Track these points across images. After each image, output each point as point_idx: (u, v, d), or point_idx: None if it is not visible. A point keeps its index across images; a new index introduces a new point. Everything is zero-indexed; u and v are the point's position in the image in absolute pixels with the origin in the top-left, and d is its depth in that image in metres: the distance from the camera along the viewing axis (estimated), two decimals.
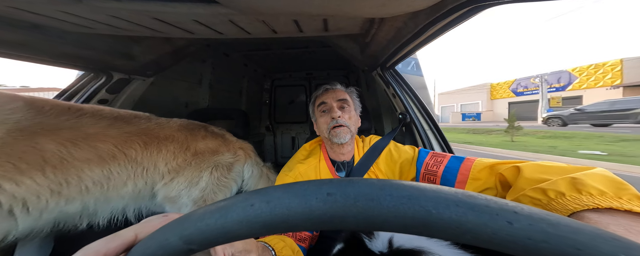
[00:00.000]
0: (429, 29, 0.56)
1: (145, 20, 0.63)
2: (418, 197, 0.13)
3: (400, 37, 0.68)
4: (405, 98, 1.04)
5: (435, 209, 0.13)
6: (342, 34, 0.85)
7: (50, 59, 0.82)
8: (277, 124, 2.49)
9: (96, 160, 0.66)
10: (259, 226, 0.14)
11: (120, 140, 0.71)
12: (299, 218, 0.14)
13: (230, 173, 0.90)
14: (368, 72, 1.26)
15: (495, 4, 0.41)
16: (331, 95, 0.71)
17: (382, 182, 0.15)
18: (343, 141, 0.66)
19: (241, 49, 1.62)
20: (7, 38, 0.64)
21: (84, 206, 0.66)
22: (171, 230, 0.16)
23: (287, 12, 0.59)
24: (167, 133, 0.83)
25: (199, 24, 0.68)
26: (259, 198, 0.15)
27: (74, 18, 0.59)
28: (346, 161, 0.71)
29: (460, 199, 0.13)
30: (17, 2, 0.50)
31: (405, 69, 1.27)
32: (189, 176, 0.80)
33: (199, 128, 0.93)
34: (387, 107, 1.46)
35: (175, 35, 0.78)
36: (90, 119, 0.70)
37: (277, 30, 0.77)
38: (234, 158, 0.92)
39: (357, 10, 0.55)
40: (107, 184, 0.68)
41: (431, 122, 1.00)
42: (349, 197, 0.14)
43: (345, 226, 0.14)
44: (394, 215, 0.13)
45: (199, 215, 0.16)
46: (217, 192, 0.85)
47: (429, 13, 0.51)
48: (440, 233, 0.13)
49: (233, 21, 0.66)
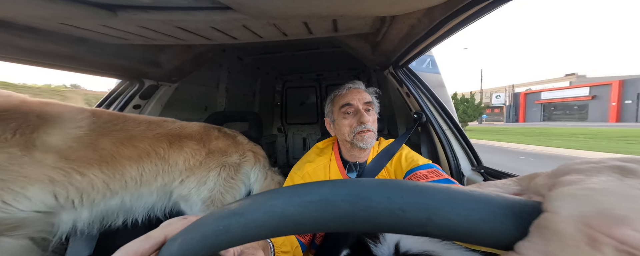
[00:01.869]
0: (445, 24, 0.53)
1: (170, 29, 0.69)
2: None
3: (414, 35, 0.65)
4: (421, 97, 0.99)
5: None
6: (352, 33, 0.84)
7: (93, 69, 0.92)
8: (289, 125, 2.53)
9: (135, 157, 0.75)
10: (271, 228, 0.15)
11: (153, 140, 0.80)
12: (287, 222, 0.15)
13: (237, 174, 0.91)
14: (379, 71, 1.22)
15: None
16: (357, 96, 0.66)
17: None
18: (369, 146, 0.63)
19: (254, 53, 1.68)
20: (59, 51, 0.73)
21: (122, 201, 0.75)
22: (194, 231, 0.17)
23: (297, 14, 0.59)
24: (188, 132, 0.89)
25: (216, 31, 0.72)
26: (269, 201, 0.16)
27: (111, 30, 0.67)
28: (359, 163, 0.69)
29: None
30: (67, 19, 0.58)
31: (420, 67, 1.21)
32: (199, 176, 0.84)
33: (213, 129, 0.98)
34: (400, 107, 1.41)
35: (195, 42, 0.84)
36: (132, 123, 0.81)
37: (287, 32, 0.78)
38: (242, 159, 0.94)
39: (367, 9, 0.54)
40: (140, 179, 0.76)
41: (451, 122, 0.94)
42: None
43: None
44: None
45: (214, 218, 0.16)
46: (224, 193, 0.87)
47: (445, 8, 0.49)
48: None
49: (246, 26, 0.69)
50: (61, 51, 0.73)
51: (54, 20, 0.58)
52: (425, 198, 0.13)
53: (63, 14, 0.54)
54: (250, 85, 2.09)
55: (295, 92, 2.49)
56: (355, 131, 0.63)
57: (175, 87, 1.24)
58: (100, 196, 0.69)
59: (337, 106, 0.68)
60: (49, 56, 0.74)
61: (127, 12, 0.55)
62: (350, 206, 0.13)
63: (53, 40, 0.67)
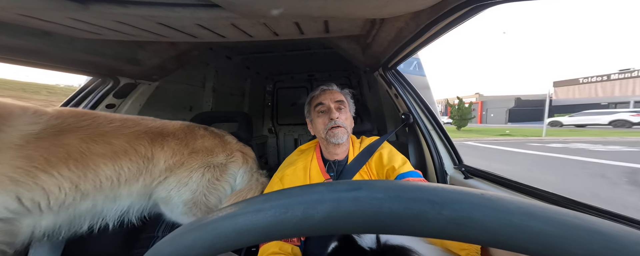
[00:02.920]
0: (430, 28, 0.55)
1: (150, 26, 0.65)
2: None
3: (402, 38, 0.68)
4: (408, 98, 1.02)
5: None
6: (343, 35, 0.85)
7: (61, 65, 0.84)
8: (280, 126, 2.50)
9: (110, 155, 0.69)
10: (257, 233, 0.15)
11: (132, 137, 0.75)
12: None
13: (223, 175, 0.87)
14: (370, 73, 1.25)
15: (495, 4, 0.41)
16: (328, 96, 0.72)
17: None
18: (340, 141, 0.68)
19: (243, 52, 1.64)
20: (20, 45, 0.66)
21: (94, 203, 0.69)
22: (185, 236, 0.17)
23: (288, 14, 0.59)
24: (170, 130, 0.84)
25: (202, 28, 0.69)
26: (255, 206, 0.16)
27: (82, 24, 0.61)
28: (338, 160, 0.72)
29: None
30: (28, 10, 0.52)
31: (407, 69, 1.26)
32: (180, 176, 0.80)
33: (198, 127, 0.93)
34: (390, 107, 1.45)
35: (179, 40, 0.80)
36: (104, 120, 0.75)
37: (278, 32, 0.78)
38: (229, 159, 0.90)
39: (357, 11, 0.55)
40: (118, 179, 0.70)
41: (435, 123, 0.98)
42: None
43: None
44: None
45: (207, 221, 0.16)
46: (208, 195, 0.83)
47: (430, 13, 0.51)
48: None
49: (235, 24, 0.67)
50: (19, 44, 0.65)
51: (11, 11, 0.52)
52: None
53: (21, 4, 0.49)
54: (239, 85, 2.04)
55: (286, 93, 2.47)
56: (327, 128, 0.68)
57: (155, 86, 1.17)
58: (70, 198, 0.63)
59: (312, 106, 0.74)
60: (3, 49, 0.66)
61: (100, 5, 0.50)
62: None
63: (9, 33, 0.61)
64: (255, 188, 0.90)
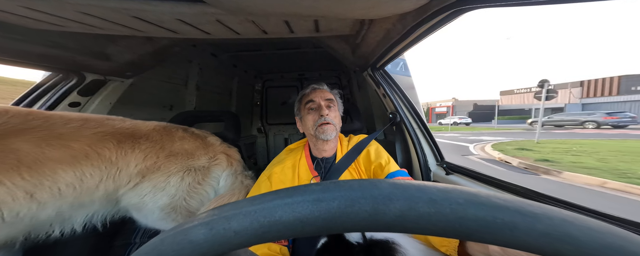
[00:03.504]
0: (415, 30, 0.58)
1: (123, 19, 0.60)
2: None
3: (389, 39, 0.70)
4: (395, 98, 1.06)
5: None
6: (333, 34, 0.86)
7: (11, 58, 0.75)
8: (269, 125, 2.46)
9: (69, 160, 0.63)
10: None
11: (93, 140, 0.68)
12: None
13: (206, 178, 0.84)
14: (359, 72, 1.27)
15: (474, 9, 0.44)
16: (319, 94, 0.74)
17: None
18: (329, 137, 0.69)
19: (230, 50, 1.59)
20: None
21: (57, 211, 0.63)
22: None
23: (277, 12, 0.58)
24: (142, 132, 0.79)
25: (184, 24, 0.66)
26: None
27: (38, 14, 0.55)
28: (326, 157, 0.73)
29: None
30: None
31: (394, 70, 1.30)
32: (155, 181, 0.75)
33: (176, 128, 0.88)
34: (378, 107, 1.48)
35: (157, 35, 0.75)
36: (59, 120, 0.67)
37: (267, 31, 0.76)
38: (212, 162, 0.86)
39: (347, 11, 0.56)
40: (80, 186, 0.64)
41: (420, 121, 1.02)
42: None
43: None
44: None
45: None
46: (189, 200, 0.79)
47: (416, 15, 0.54)
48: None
49: (221, 21, 0.65)
50: None
51: None
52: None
53: None
54: (225, 83, 1.97)
55: (276, 92, 2.43)
56: (317, 124, 0.70)
57: (129, 83, 1.09)
58: (25, 209, 0.57)
59: (303, 103, 0.76)
60: None
61: None
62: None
63: None
64: (238, 193, 0.87)
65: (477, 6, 0.42)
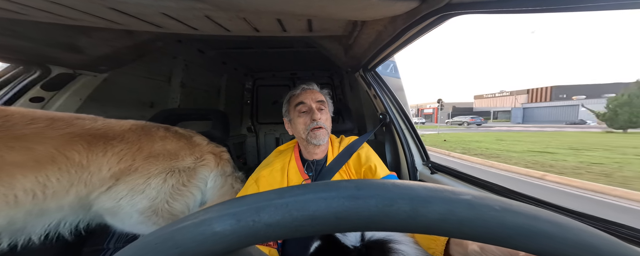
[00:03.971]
0: (406, 33, 0.60)
1: (98, 10, 0.55)
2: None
3: (381, 40, 0.72)
4: (385, 99, 1.08)
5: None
6: (326, 34, 0.86)
7: None
8: (260, 125, 2.42)
9: (31, 164, 0.57)
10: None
11: (61, 141, 0.63)
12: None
13: (192, 180, 0.79)
14: (351, 73, 1.29)
15: (460, 14, 0.46)
16: (310, 95, 0.70)
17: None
18: (322, 142, 0.67)
19: (219, 47, 1.54)
20: None
21: (10, 221, 0.57)
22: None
23: (270, 10, 0.58)
24: (117, 132, 0.73)
25: (169, 18, 0.62)
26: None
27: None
28: (317, 160, 0.71)
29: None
30: None
31: (385, 72, 1.33)
32: (133, 184, 0.70)
33: (157, 128, 0.82)
34: (369, 107, 1.51)
35: (138, 29, 0.70)
36: (22, 120, 0.61)
37: (259, 28, 0.75)
38: (199, 162, 0.82)
39: (340, 11, 0.57)
40: (44, 192, 0.59)
41: (408, 123, 1.05)
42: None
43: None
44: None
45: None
46: (172, 202, 0.75)
47: (406, 18, 0.55)
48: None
49: (210, 17, 0.63)
50: None
51: None
52: None
53: None
54: (213, 81, 1.90)
55: (267, 91, 2.39)
56: (309, 128, 0.66)
57: (103, 78, 1.01)
58: None
59: (292, 105, 0.71)
60: None
61: None
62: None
63: None
64: (227, 198, 0.84)
65: (463, 12, 0.45)
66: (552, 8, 0.34)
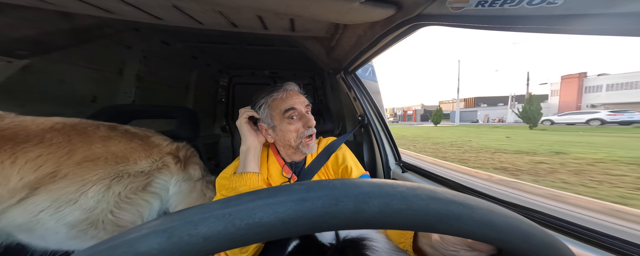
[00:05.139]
0: (383, 39, 0.64)
1: None
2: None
3: (361, 44, 0.75)
4: (364, 102, 1.13)
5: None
6: (309, 35, 0.86)
7: None
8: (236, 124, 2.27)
9: None
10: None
11: None
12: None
13: (147, 187, 0.70)
14: (333, 75, 1.31)
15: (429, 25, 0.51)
16: (298, 99, 0.63)
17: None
18: (312, 151, 0.65)
19: (189, 40, 1.39)
20: None
21: None
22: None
23: (250, 6, 0.55)
24: (32, 132, 0.61)
25: (124, 4, 0.54)
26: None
27: None
28: (296, 162, 0.68)
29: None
30: None
31: (364, 75, 1.39)
32: (59, 193, 0.59)
33: (97, 127, 0.71)
34: (349, 109, 1.55)
35: (78, 12, 0.59)
36: None
37: (237, 24, 0.71)
38: (155, 166, 0.72)
39: (323, 14, 0.57)
40: None
41: (384, 124, 1.11)
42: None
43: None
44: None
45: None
46: (119, 212, 0.65)
47: (383, 25, 0.59)
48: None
49: (179, 7, 0.57)
50: None
51: None
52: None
53: None
54: (180, 76, 1.71)
55: (245, 89, 2.27)
56: (302, 136, 0.61)
57: (22, 65, 0.81)
58: None
59: (277, 110, 0.62)
60: None
61: None
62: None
63: None
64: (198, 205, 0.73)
65: (432, 23, 0.49)
66: (507, 27, 0.40)
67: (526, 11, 0.35)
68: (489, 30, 0.41)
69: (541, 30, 0.35)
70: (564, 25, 0.32)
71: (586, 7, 0.29)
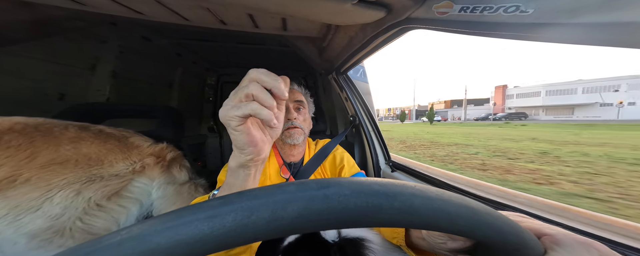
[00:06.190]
0: (374, 40, 0.65)
1: None
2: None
3: (353, 45, 0.76)
4: (356, 102, 1.15)
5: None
6: (301, 35, 0.86)
7: None
8: None
9: None
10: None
11: None
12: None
13: (123, 192, 0.66)
14: (325, 75, 1.32)
15: (417, 28, 0.54)
16: (288, 95, 0.69)
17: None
18: (296, 142, 0.67)
19: (172, 36, 1.31)
20: None
21: None
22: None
23: (240, 4, 0.54)
24: None
25: None
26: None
27: None
28: (294, 162, 0.71)
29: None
30: None
31: (355, 76, 1.41)
32: (18, 199, 0.54)
33: (64, 126, 0.66)
34: (341, 109, 1.57)
35: (41, 1, 0.53)
36: None
37: (226, 21, 0.70)
38: (133, 168, 0.68)
39: (315, 14, 0.58)
40: None
41: (374, 125, 1.13)
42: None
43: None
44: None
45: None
46: (90, 219, 0.61)
47: (374, 27, 0.60)
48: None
49: (162, 2, 0.54)
50: None
51: None
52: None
53: None
54: (163, 74, 1.62)
55: (233, 88, 2.20)
56: (284, 128, 0.65)
57: None
58: None
59: None
60: None
61: None
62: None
63: None
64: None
65: (420, 27, 0.52)
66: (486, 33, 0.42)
67: (502, 18, 0.37)
68: (470, 35, 0.44)
69: (515, 37, 0.38)
70: (534, 33, 0.35)
71: (553, 16, 0.32)
